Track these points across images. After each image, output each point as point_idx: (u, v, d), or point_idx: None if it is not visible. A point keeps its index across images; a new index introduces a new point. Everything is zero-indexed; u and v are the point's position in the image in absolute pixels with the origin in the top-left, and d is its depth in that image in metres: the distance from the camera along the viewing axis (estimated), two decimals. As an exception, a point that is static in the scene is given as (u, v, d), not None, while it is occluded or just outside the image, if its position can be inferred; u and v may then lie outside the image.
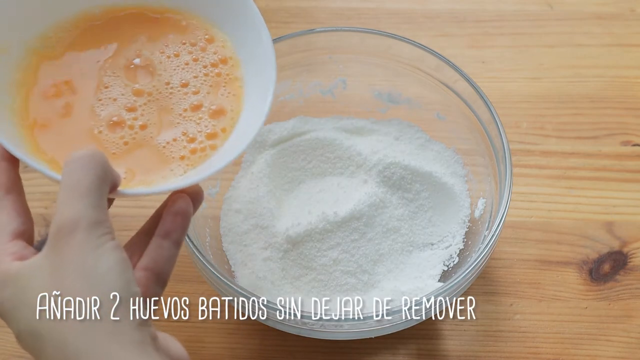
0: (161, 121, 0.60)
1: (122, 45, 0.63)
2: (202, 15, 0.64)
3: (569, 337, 0.75)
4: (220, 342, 0.75)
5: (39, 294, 0.47)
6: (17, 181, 0.53)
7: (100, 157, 0.50)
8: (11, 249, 0.50)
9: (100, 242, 0.48)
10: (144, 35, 0.63)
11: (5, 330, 0.75)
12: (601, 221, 0.81)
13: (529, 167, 0.85)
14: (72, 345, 0.46)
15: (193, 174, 0.58)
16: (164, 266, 0.52)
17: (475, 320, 0.75)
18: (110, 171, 0.50)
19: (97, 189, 0.49)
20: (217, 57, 0.63)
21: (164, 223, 0.53)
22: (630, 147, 0.86)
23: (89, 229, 0.47)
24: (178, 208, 0.54)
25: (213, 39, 0.64)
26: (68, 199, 0.48)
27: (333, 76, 0.83)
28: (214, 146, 0.60)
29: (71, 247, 0.47)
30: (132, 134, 0.59)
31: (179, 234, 0.54)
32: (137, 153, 0.59)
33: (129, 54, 0.62)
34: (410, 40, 0.78)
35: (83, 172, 0.48)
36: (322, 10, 0.97)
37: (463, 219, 0.78)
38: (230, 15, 0.63)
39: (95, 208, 0.48)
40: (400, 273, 0.75)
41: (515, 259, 0.79)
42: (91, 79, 0.61)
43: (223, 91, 0.62)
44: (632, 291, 0.77)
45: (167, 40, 0.64)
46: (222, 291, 0.68)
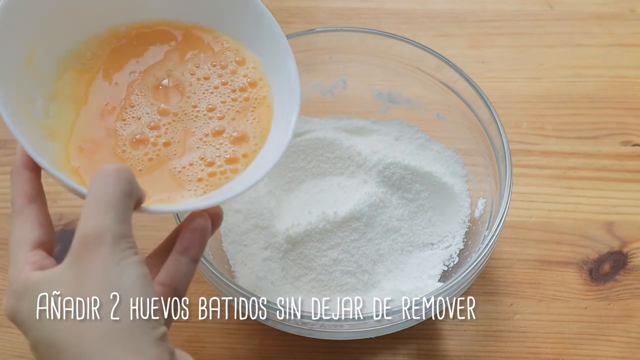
0: (185, 140, 0.60)
1: (152, 64, 0.63)
2: (230, 33, 0.64)
3: (569, 337, 0.75)
4: (220, 342, 0.74)
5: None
6: (40, 190, 0.54)
7: (128, 173, 0.50)
8: (32, 258, 0.50)
9: (123, 255, 0.48)
10: (173, 53, 0.63)
11: (5, 331, 0.75)
12: (601, 221, 0.81)
13: (529, 167, 0.85)
14: (92, 358, 0.46)
15: (214, 195, 0.58)
16: (180, 281, 0.53)
17: (475, 320, 0.75)
18: (136, 187, 0.51)
19: (124, 203, 0.49)
20: (247, 80, 0.63)
21: (182, 239, 0.54)
22: (630, 147, 0.86)
23: (114, 243, 0.48)
24: (197, 225, 0.54)
25: (244, 60, 0.63)
26: (94, 212, 0.48)
27: (333, 76, 0.83)
28: (235, 170, 0.60)
29: (95, 260, 0.47)
30: (155, 151, 0.59)
31: (197, 251, 0.54)
32: (157, 172, 0.59)
33: (158, 73, 0.62)
34: (410, 40, 0.78)
35: (110, 186, 0.49)
36: (322, 10, 0.97)
37: (463, 219, 0.78)
38: (258, 35, 0.63)
39: (121, 222, 0.49)
40: (400, 273, 0.75)
41: (515, 259, 0.79)
42: (121, 96, 0.61)
43: (249, 117, 0.62)
44: (632, 291, 0.77)
45: (197, 60, 0.63)
46: (222, 291, 0.68)
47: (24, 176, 0.53)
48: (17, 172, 0.54)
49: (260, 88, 0.63)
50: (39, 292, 0.48)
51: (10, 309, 0.50)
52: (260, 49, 0.64)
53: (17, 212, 0.53)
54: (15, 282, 0.50)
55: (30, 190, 0.53)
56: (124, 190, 0.49)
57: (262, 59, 0.64)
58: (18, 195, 0.53)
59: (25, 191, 0.53)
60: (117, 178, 0.49)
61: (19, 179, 0.53)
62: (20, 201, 0.53)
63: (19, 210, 0.52)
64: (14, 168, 0.54)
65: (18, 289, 0.49)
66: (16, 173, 0.54)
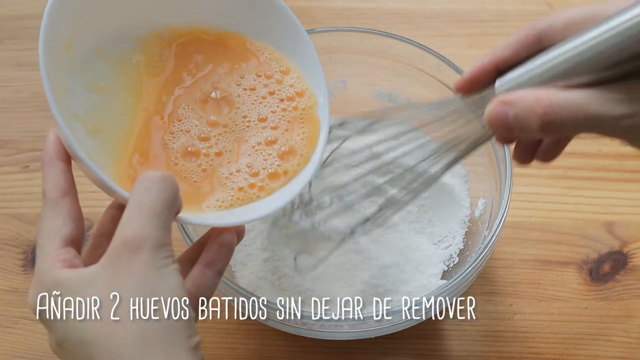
0: (237, 149, 0.61)
1: (200, 77, 0.63)
2: (271, 44, 0.64)
3: (569, 337, 0.75)
4: (220, 342, 0.74)
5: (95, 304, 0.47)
6: (73, 184, 0.53)
7: (173, 181, 0.50)
8: (63, 255, 0.50)
9: (164, 263, 0.48)
10: (218, 64, 0.63)
11: (5, 331, 0.75)
12: (601, 221, 0.81)
13: (528, 167, 0.84)
14: (126, 359, 0.46)
15: (239, 212, 0.58)
16: (204, 292, 0.53)
17: (475, 320, 0.75)
18: (179, 196, 0.51)
19: (167, 211, 0.49)
20: (294, 90, 0.63)
21: (209, 252, 0.54)
22: (630, 148, 0.86)
23: (155, 249, 0.48)
24: (224, 240, 0.55)
25: (288, 70, 0.64)
26: (137, 217, 0.48)
27: (333, 76, 0.83)
28: (270, 190, 0.60)
29: (135, 264, 0.47)
30: (208, 161, 0.60)
31: (222, 265, 0.55)
32: (210, 180, 0.59)
33: (205, 86, 0.62)
34: (410, 40, 0.77)
35: (155, 192, 0.49)
36: (322, 11, 0.97)
37: (463, 219, 0.78)
38: (295, 46, 0.64)
39: (164, 230, 0.49)
40: (401, 273, 0.75)
41: (515, 259, 0.79)
42: (169, 110, 0.61)
43: (299, 131, 0.62)
44: (632, 291, 0.77)
45: (241, 71, 0.63)
46: (222, 291, 0.68)
47: (58, 168, 0.52)
48: (51, 163, 0.53)
49: (308, 98, 0.63)
50: (73, 290, 0.48)
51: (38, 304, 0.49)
52: (299, 60, 0.64)
53: (51, 204, 0.52)
54: (45, 277, 0.49)
55: (63, 183, 0.52)
56: (168, 198, 0.49)
57: (303, 70, 0.64)
58: (51, 187, 0.52)
59: (58, 184, 0.52)
60: (163, 185, 0.49)
61: (53, 170, 0.52)
62: (54, 194, 0.52)
63: (53, 203, 0.52)
64: (47, 157, 0.53)
65: (47, 284, 0.48)
66: (49, 164, 0.53)
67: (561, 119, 0.48)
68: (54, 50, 0.54)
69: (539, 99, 0.49)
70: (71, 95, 0.57)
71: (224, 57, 0.64)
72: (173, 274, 0.48)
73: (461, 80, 0.57)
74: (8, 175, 0.86)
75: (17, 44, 0.95)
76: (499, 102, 0.51)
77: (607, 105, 0.48)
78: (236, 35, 0.64)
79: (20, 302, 0.77)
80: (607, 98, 0.48)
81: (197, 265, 0.54)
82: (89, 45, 0.59)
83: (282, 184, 0.60)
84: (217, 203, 0.58)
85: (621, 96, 0.48)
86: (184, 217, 0.54)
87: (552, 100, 0.49)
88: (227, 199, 0.59)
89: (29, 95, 0.91)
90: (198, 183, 0.59)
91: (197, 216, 0.57)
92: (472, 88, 0.56)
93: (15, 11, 0.98)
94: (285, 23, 0.63)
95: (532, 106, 0.49)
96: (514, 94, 0.50)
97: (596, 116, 0.48)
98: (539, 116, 0.49)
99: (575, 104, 0.48)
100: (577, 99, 0.48)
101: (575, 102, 0.48)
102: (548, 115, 0.48)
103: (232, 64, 0.64)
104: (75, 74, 0.58)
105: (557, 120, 0.48)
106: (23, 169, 0.86)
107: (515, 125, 0.50)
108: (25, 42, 0.95)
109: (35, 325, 0.75)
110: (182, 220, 0.54)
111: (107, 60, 0.60)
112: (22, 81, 0.92)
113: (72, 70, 0.58)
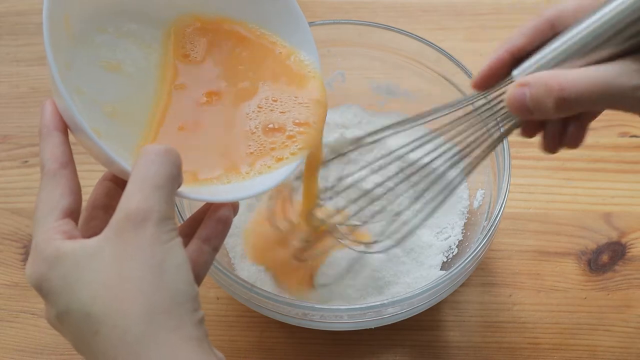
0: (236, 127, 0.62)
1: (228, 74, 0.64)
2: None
3: (568, 328, 0.75)
4: (220, 334, 0.75)
5: (99, 275, 0.46)
6: (71, 156, 0.52)
7: (176, 154, 0.50)
8: (62, 227, 0.49)
9: (169, 237, 0.47)
10: (234, 53, 0.64)
11: (6, 325, 0.75)
12: (599, 212, 0.81)
13: (527, 159, 0.85)
14: (134, 332, 0.45)
15: (234, 188, 0.58)
16: (200, 269, 0.53)
17: (474, 311, 0.76)
18: (181, 170, 0.50)
19: (171, 184, 0.49)
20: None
21: (206, 228, 0.54)
22: (627, 139, 0.86)
23: (160, 223, 0.47)
24: (222, 215, 0.54)
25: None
26: (141, 189, 0.47)
27: (331, 69, 0.83)
28: (267, 168, 0.60)
29: (140, 238, 0.46)
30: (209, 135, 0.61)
31: (219, 241, 0.54)
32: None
33: (215, 77, 0.63)
34: (409, 32, 0.78)
35: (159, 166, 0.48)
36: (320, 4, 0.97)
37: (462, 210, 0.78)
38: (294, 31, 0.65)
39: (168, 203, 0.48)
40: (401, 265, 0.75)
41: (514, 250, 0.79)
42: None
43: (298, 115, 0.63)
44: (630, 281, 0.77)
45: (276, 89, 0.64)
46: (223, 283, 0.68)
47: (56, 139, 0.51)
48: (49, 133, 0.52)
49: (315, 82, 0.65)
50: (76, 262, 0.47)
51: (38, 277, 0.48)
52: (296, 43, 0.65)
53: (49, 176, 0.51)
54: (45, 249, 0.48)
55: (61, 154, 0.51)
56: (172, 172, 0.49)
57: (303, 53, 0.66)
58: (49, 158, 0.51)
59: (57, 155, 0.51)
60: (166, 159, 0.49)
61: (51, 141, 0.51)
62: (52, 165, 0.51)
63: (51, 175, 0.51)
64: (44, 128, 0.52)
65: (48, 256, 0.48)
66: (47, 135, 0.52)
67: (577, 94, 0.48)
68: (58, 25, 0.53)
69: (554, 76, 0.49)
70: (74, 70, 0.56)
71: (241, 47, 0.65)
72: (178, 248, 0.48)
73: (479, 76, 0.56)
74: (7, 170, 0.86)
75: (16, 39, 0.95)
76: (517, 84, 0.51)
77: (623, 77, 0.48)
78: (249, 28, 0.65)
79: (20, 296, 0.77)
80: (623, 69, 0.48)
81: (194, 241, 0.54)
82: (87, 20, 0.59)
83: (277, 164, 0.60)
84: (213, 177, 0.58)
85: (636, 67, 0.48)
86: (182, 191, 0.53)
87: (568, 76, 0.49)
88: (223, 173, 0.59)
89: (28, 90, 0.91)
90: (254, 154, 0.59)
91: (194, 190, 0.56)
92: (490, 81, 0.56)
93: (14, 7, 0.98)
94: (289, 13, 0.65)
95: (547, 83, 0.49)
96: (530, 75, 0.51)
97: (612, 88, 0.48)
98: (555, 92, 0.49)
99: (590, 78, 0.48)
100: (592, 73, 0.49)
101: (590, 76, 0.48)
102: (564, 90, 0.49)
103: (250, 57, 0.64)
104: (74, 49, 0.57)
105: (572, 95, 0.49)
106: (22, 164, 0.86)
107: (534, 105, 0.50)
108: (24, 37, 0.95)
109: (35, 319, 0.76)
110: (180, 195, 0.53)
111: (127, 37, 0.61)
112: (21, 76, 0.92)
113: (77, 46, 0.57)
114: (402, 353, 0.73)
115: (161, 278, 0.46)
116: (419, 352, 0.74)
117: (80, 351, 0.49)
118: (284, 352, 0.74)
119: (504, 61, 0.55)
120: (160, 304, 0.46)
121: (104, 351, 0.46)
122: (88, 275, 0.47)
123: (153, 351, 0.45)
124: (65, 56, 0.56)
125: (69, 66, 0.56)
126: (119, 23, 0.61)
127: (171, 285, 0.47)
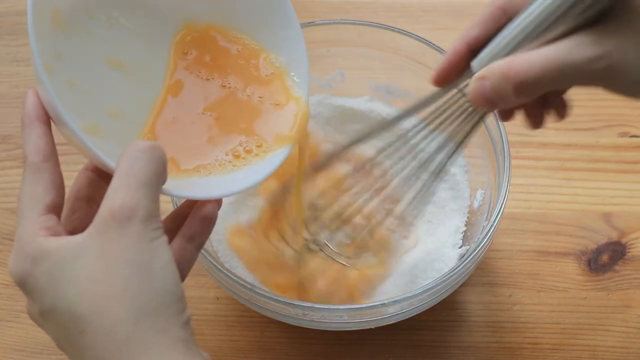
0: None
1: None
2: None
3: (568, 328, 0.75)
4: (220, 334, 0.75)
5: (85, 274, 0.46)
6: (54, 148, 0.51)
7: (161, 151, 0.49)
8: (46, 223, 0.48)
9: (155, 235, 0.47)
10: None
11: (5, 325, 0.75)
12: (599, 212, 0.81)
13: (526, 159, 0.85)
14: (121, 332, 0.45)
15: (217, 182, 0.58)
16: (184, 267, 0.53)
17: (474, 311, 0.76)
18: (166, 167, 0.49)
19: (157, 181, 0.48)
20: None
21: (190, 226, 0.53)
22: (627, 139, 0.86)
23: (146, 221, 0.46)
24: (206, 213, 0.54)
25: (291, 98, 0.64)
26: (126, 186, 0.46)
27: (331, 69, 0.83)
28: (249, 162, 0.60)
29: (125, 235, 0.46)
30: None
31: (203, 239, 0.54)
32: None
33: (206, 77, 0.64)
34: (409, 32, 0.78)
35: (145, 162, 0.47)
36: (320, 5, 0.97)
37: (462, 211, 0.78)
38: (286, 43, 0.65)
39: (153, 200, 0.47)
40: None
41: (514, 250, 0.79)
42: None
43: (281, 111, 0.63)
44: (630, 281, 0.77)
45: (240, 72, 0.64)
46: (223, 283, 0.68)
47: (39, 130, 0.50)
48: (31, 124, 0.50)
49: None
50: (61, 260, 0.46)
51: (21, 273, 0.47)
52: (286, 52, 0.65)
53: (32, 169, 0.50)
54: (29, 245, 0.47)
55: (44, 147, 0.50)
56: (158, 169, 0.48)
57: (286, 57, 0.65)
58: (32, 150, 0.50)
59: (39, 147, 0.50)
60: (151, 155, 0.48)
61: (33, 132, 0.50)
62: (35, 157, 0.50)
63: (34, 168, 0.50)
64: (27, 118, 0.51)
65: (32, 253, 0.47)
66: (29, 125, 0.50)
67: (534, 77, 0.48)
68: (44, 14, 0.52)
69: (509, 63, 0.49)
70: (66, 62, 0.56)
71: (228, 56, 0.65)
72: (164, 247, 0.47)
73: (437, 71, 0.57)
74: (7, 170, 0.86)
75: (16, 39, 0.95)
76: (475, 79, 0.51)
77: (575, 51, 0.48)
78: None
79: (20, 296, 0.76)
80: (574, 44, 0.48)
81: (177, 239, 0.53)
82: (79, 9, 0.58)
83: (261, 159, 0.60)
84: (195, 168, 0.58)
85: (588, 39, 0.48)
86: (167, 188, 0.52)
87: (523, 61, 0.48)
88: (207, 167, 0.59)
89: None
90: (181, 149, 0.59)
91: (178, 185, 0.55)
92: (451, 76, 0.56)
93: (14, 7, 0.98)
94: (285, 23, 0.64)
95: (503, 72, 0.49)
96: (487, 67, 0.51)
97: (567, 64, 0.48)
98: (512, 80, 0.49)
99: (544, 58, 0.48)
100: (545, 52, 0.48)
101: (544, 55, 0.48)
102: (519, 75, 0.48)
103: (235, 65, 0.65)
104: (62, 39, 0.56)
105: (530, 79, 0.48)
106: (22, 164, 0.85)
107: (496, 96, 0.50)
108: (24, 37, 0.95)
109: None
110: (165, 192, 0.52)
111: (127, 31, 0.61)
112: (21, 77, 0.92)
113: (70, 37, 0.56)
114: (402, 353, 0.73)
115: (148, 278, 0.46)
116: (419, 352, 0.74)
117: (62, 348, 0.48)
118: (284, 352, 0.74)
119: (462, 54, 0.55)
120: (148, 305, 0.45)
121: (91, 348, 0.45)
122: (74, 272, 0.46)
123: (142, 353, 0.45)
124: (55, 46, 0.55)
125: (60, 57, 0.55)
126: (123, 16, 0.60)
127: (158, 285, 0.46)
